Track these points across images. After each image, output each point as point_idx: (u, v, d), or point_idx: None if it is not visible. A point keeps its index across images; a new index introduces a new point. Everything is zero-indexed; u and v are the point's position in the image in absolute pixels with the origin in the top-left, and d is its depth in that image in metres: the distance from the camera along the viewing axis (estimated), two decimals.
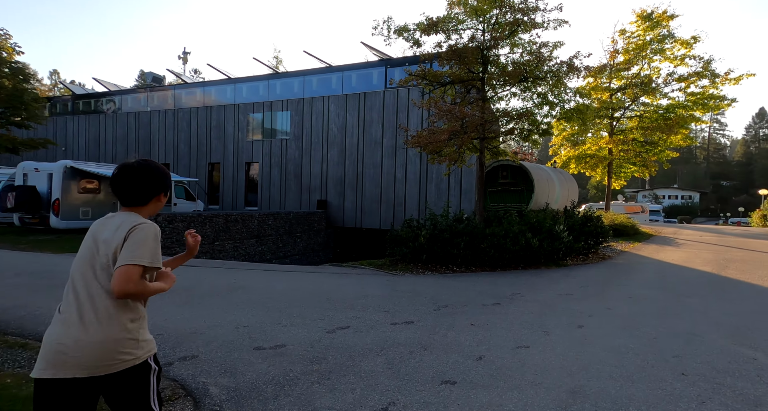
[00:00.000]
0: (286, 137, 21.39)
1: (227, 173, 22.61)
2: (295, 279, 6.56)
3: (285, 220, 16.20)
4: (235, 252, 13.21)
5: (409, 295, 5.59)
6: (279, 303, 4.87)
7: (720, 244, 12.47)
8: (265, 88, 22.40)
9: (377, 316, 4.49)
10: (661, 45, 17.61)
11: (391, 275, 7.24)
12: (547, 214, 9.55)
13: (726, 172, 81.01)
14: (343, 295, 5.48)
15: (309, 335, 3.76)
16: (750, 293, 6.05)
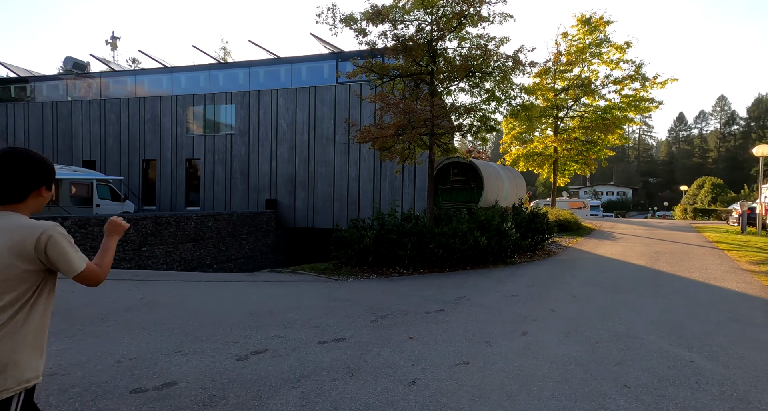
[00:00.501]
0: (230, 132, 19.94)
1: (165, 171, 20.66)
2: (219, 290, 5.76)
3: (228, 222, 14.99)
4: (167, 258, 11.90)
5: (347, 304, 5.06)
6: (188, 323, 4.11)
7: (650, 237, 13.32)
8: (206, 79, 20.70)
9: (304, 333, 3.91)
10: (599, 49, 18.58)
11: (332, 281, 6.67)
12: (495, 211, 9.50)
13: (653, 170, 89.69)
14: (272, 308, 4.82)
15: (212, 365, 3.09)
16: (679, 286, 6.24)
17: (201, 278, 6.53)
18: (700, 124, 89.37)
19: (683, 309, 4.92)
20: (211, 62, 20.94)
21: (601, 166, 22.10)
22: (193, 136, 20.27)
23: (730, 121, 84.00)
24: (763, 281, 6.52)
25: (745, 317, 4.60)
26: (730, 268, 7.65)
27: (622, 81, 18.14)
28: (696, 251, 9.94)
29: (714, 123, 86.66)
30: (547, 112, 20.74)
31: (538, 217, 10.57)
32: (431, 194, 10.07)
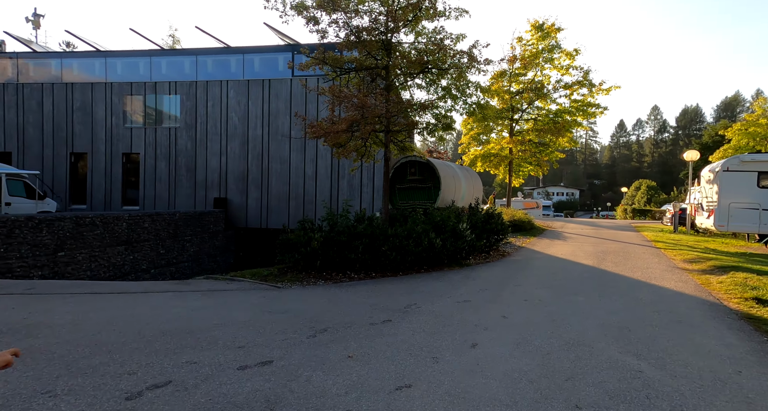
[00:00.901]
0: (175, 125, 18.35)
1: (98, 166, 18.62)
2: (134, 304, 4.96)
3: (168, 222, 13.66)
4: (91, 264, 10.53)
5: (285, 317, 4.51)
6: (77, 350, 3.36)
7: (597, 237, 13.94)
8: (147, 66, 18.89)
9: (225, 356, 3.32)
10: (551, 54, 19.29)
11: (273, 289, 6.06)
12: (451, 212, 9.32)
13: (598, 173, 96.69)
14: (193, 324, 4.15)
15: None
16: (624, 287, 6.34)
17: (116, 289, 5.63)
18: (637, 131, 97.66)
19: (629, 311, 4.91)
20: (152, 48, 19.14)
21: (552, 168, 23.08)
22: (132, 128, 18.43)
23: (662, 129, 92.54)
24: (696, 279, 6.82)
25: (684, 318, 4.65)
26: (668, 267, 8.00)
27: (571, 86, 18.95)
28: (637, 250, 10.42)
29: (649, 130, 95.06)
30: (504, 114, 21.25)
31: (493, 217, 10.58)
32: (387, 194, 9.71)
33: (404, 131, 9.78)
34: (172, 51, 21.11)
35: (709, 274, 7.10)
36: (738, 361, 3.40)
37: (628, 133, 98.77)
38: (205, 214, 15.97)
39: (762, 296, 5.47)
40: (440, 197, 11.46)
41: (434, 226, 8.58)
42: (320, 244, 6.94)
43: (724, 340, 3.91)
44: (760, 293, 5.58)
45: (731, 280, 6.40)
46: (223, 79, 18.14)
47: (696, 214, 13.68)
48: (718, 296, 5.73)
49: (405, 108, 8.24)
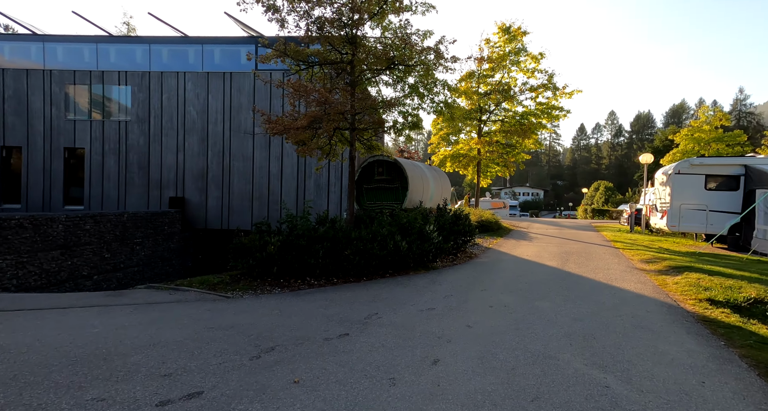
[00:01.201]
0: (125, 119, 16.96)
1: (35, 161, 16.89)
2: (42, 325, 4.25)
3: (114, 224, 12.52)
4: (18, 271, 9.37)
5: (228, 334, 4.01)
6: None
7: (560, 237, 14.26)
8: (93, 54, 17.33)
9: (144, 389, 2.81)
10: (517, 57, 19.64)
11: (222, 299, 5.50)
12: (418, 213, 9.08)
13: (560, 174, 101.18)
14: (113, 348, 3.57)
15: None
16: (587, 289, 6.33)
17: (27, 305, 4.84)
18: (596, 134, 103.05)
19: (593, 317, 4.82)
20: (99, 34, 17.60)
21: (518, 168, 23.59)
22: (75, 121, 16.85)
23: (618, 134, 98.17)
24: (654, 280, 6.96)
25: (646, 323, 4.61)
26: (626, 268, 8.16)
27: (537, 89, 19.39)
28: (597, 251, 10.67)
29: (606, 134, 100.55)
30: (472, 115, 21.44)
31: (461, 218, 10.46)
32: (352, 194, 9.31)
33: (371, 129, 9.43)
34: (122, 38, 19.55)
35: (665, 275, 7.28)
36: (700, 370, 3.32)
37: (588, 137, 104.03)
38: (158, 215, 14.84)
39: (714, 297, 5.60)
40: (408, 198, 11.22)
41: (400, 228, 8.30)
42: (277, 248, 6.44)
43: (684, 346, 3.86)
44: (712, 294, 5.72)
45: (685, 280, 6.56)
46: (180, 71, 16.98)
47: (650, 214, 14.35)
48: (674, 297, 5.82)
49: (370, 105, 7.88)
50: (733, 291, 5.75)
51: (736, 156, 12.12)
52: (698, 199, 11.91)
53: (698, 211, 11.91)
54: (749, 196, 11.09)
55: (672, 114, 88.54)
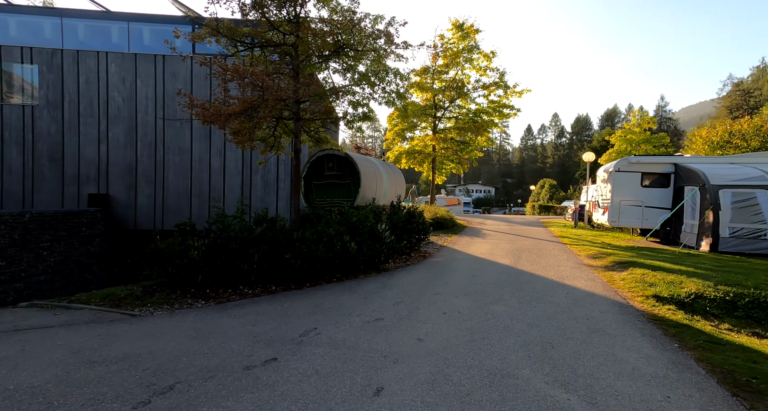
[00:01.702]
0: (31, 102, 14.53)
1: None
2: None
3: (11, 226, 10.55)
4: None
5: (115, 369, 3.13)
6: None
7: (512, 233, 14.47)
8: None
9: None
10: (470, 55, 19.76)
11: (125, 319, 4.51)
12: (369, 211, 8.50)
13: (510, 172, 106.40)
14: None
15: None
16: (541, 289, 6.15)
17: None
18: (541, 135, 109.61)
19: (549, 321, 4.55)
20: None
21: (472, 166, 23.92)
22: None
23: (561, 135, 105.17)
24: (602, 277, 6.99)
25: (601, 326, 4.41)
26: (575, 264, 8.22)
27: (489, 87, 19.65)
28: (547, 247, 10.82)
29: (550, 135, 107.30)
30: (427, 111, 21.31)
31: (415, 216, 10.06)
32: (298, 191, 8.49)
33: (318, 120, 8.66)
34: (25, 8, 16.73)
35: (611, 271, 7.37)
36: (662, 381, 3.08)
37: (534, 137, 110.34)
38: (73, 215, 12.85)
39: (660, 293, 5.63)
40: (360, 194, 10.60)
41: (350, 227, 7.67)
42: (202, 253, 5.51)
43: (642, 352, 3.65)
44: (657, 290, 5.76)
45: (631, 276, 6.63)
46: (102, 51, 14.88)
47: (593, 210, 15.05)
48: (623, 295, 5.79)
49: (315, 92, 7.12)
50: (676, 286, 5.83)
51: (667, 155, 13.09)
52: (635, 195, 12.58)
53: (635, 207, 12.58)
54: (678, 193, 11.88)
55: (606, 117, 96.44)
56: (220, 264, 5.63)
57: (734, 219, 9.59)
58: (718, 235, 9.63)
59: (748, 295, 5.31)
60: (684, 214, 11.21)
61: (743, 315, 5.04)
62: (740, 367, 3.33)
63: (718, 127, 23.46)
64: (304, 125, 8.57)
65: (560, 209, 39.41)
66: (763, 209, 9.37)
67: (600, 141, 51.39)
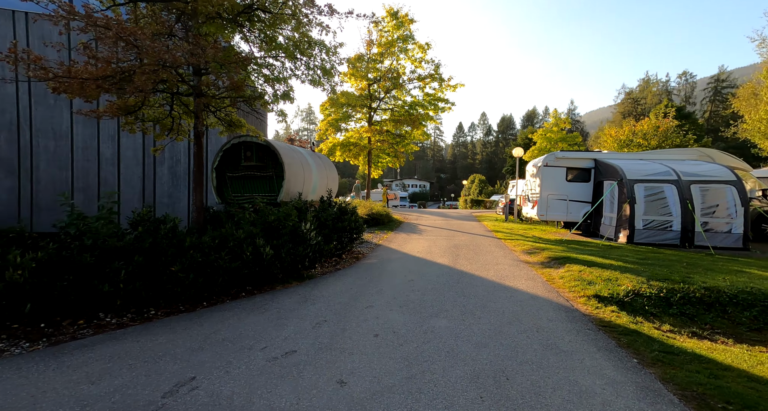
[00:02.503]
0: None
1: None
2: None
3: None
4: None
5: None
6: None
7: (448, 228, 14.21)
8: None
9: None
10: (405, 45, 19.15)
11: None
12: (291, 208, 7.24)
13: (443, 168, 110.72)
14: None
15: None
16: (483, 293, 5.56)
17: None
18: (471, 133, 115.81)
19: (498, 338, 3.87)
20: None
21: (408, 160, 23.60)
22: None
23: (488, 133, 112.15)
24: (541, 275, 6.69)
25: (553, 339, 3.85)
26: (513, 262, 7.92)
27: (424, 79, 19.26)
28: (483, 242, 10.58)
29: (479, 133, 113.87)
30: (363, 102, 20.30)
31: (347, 213, 9.01)
32: (200, 184, 6.91)
33: (228, 99, 7.11)
34: None
35: (549, 268, 7.15)
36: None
37: (465, 134, 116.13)
38: None
39: (600, 293, 5.37)
40: (284, 189, 9.22)
41: (266, 228, 6.36)
42: (33, 272, 3.83)
43: (605, 376, 3.09)
44: (597, 289, 5.51)
45: (569, 274, 6.39)
46: None
47: (523, 204, 15.48)
48: (566, 296, 5.44)
49: (217, 59, 5.63)
50: (613, 284, 5.65)
51: (588, 151, 13.94)
52: (561, 189, 13.04)
53: (561, 201, 13.06)
54: (598, 187, 12.54)
55: (527, 118, 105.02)
56: (67, 285, 4.00)
57: (647, 212, 10.23)
58: (633, 227, 10.21)
59: (679, 291, 5.26)
60: (603, 207, 11.83)
61: (677, 312, 4.93)
62: (707, 386, 2.91)
63: (625, 126, 26.06)
64: (209, 104, 6.98)
65: (490, 203, 41.45)
66: (669, 202, 10.11)
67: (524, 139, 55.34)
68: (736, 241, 9.56)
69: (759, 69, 23.36)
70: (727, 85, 68.38)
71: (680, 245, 9.84)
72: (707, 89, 71.99)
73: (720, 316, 4.83)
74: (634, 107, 78.91)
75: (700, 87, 78.19)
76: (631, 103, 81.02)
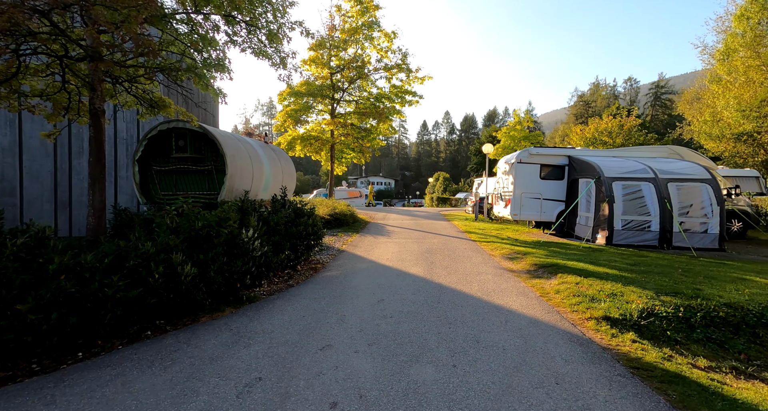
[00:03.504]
0: None
1: None
2: None
3: None
4: None
5: None
6: None
7: (418, 229, 13.14)
8: None
9: None
10: (371, 32, 17.84)
11: None
12: (230, 210, 5.73)
13: (408, 165, 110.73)
14: None
15: None
16: (473, 318, 4.45)
17: None
18: (435, 131, 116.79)
19: (509, 404, 2.72)
20: None
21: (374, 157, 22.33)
22: None
23: (452, 131, 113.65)
24: (533, 289, 5.72)
25: (584, 400, 2.77)
26: (495, 270, 6.94)
27: (391, 69, 18.07)
28: (458, 246, 9.58)
29: (443, 131, 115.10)
30: (325, 92, 18.74)
31: (304, 215, 7.58)
32: (99, 178, 5.20)
33: (142, 67, 5.44)
34: None
35: (538, 279, 6.21)
36: None
37: (429, 133, 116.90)
38: None
39: (609, 314, 4.44)
40: (227, 186, 7.61)
41: (192, 238, 4.82)
42: None
43: None
44: (604, 307, 4.59)
45: (565, 287, 5.46)
46: None
47: (495, 203, 14.79)
48: (570, 318, 4.46)
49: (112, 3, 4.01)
50: (620, 300, 4.76)
51: (562, 147, 13.62)
52: (535, 188, 12.40)
53: (535, 200, 12.42)
54: (572, 185, 12.02)
55: (488, 117, 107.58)
56: None
57: (625, 211, 9.74)
58: (612, 227, 9.68)
59: (698, 309, 4.45)
60: (579, 206, 11.29)
61: (702, 337, 4.10)
62: None
63: (591, 124, 26.44)
64: (113, 73, 5.28)
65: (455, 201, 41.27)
66: (647, 201, 9.67)
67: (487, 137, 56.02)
68: (712, 241, 9.29)
69: (693, 77, 24.64)
70: (666, 91, 73.76)
71: (659, 246, 9.42)
72: (648, 94, 77.31)
73: (752, 342, 4.05)
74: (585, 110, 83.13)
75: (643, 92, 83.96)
76: (583, 105, 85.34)
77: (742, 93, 21.68)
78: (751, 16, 21.30)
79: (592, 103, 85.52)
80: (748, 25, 21.40)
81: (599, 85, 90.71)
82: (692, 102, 28.91)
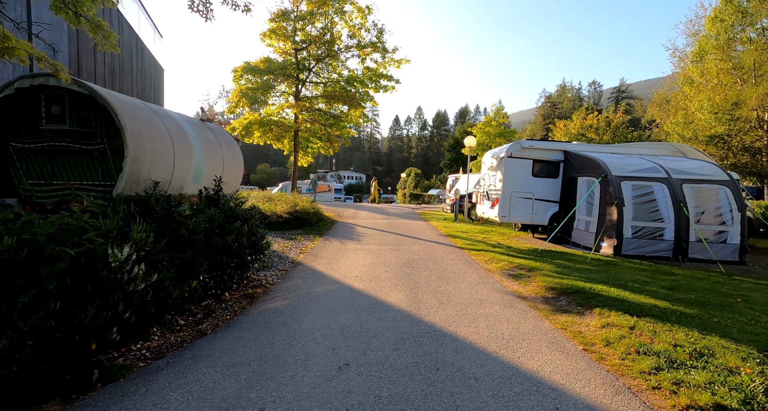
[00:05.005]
0: None
1: None
2: None
3: None
4: None
5: None
6: None
7: (393, 232, 11.23)
8: None
9: None
10: (342, 5, 15.60)
11: None
12: (103, 208, 3.50)
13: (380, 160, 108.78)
14: None
15: None
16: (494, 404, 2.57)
17: None
18: (407, 126, 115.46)
19: None
20: None
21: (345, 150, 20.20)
22: None
23: (424, 127, 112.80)
24: (570, 336, 3.97)
25: None
26: (501, 295, 5.16)
27: (364, 48, 15.92)
28: (444, 256, 7.76)
29: (415, 127, 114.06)
30: (288, 71, 16.29)
31: (237, 218, 5.39)
32: None
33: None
34: None
35: (565, 315, 4.47)
36: None
37: (401, 128, 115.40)
38: None
39: (722, 400, 2.73)
40: (127, 173, 5.24)
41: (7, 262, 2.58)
42: None
43: None
44: (701, 381, 2.88)
45: (616, 335, 3.74)
46: None
47: (480, 202, 13.18)
48: (654, 404, 2.70)
49: None
50: (716, 366, 3.09)
51: (558, 141, 12.34)
52: (527, 186, 10.87)
53: (526, 200, 10.90)
54: (568, 184, 10.59)
55: (460, 114, 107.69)
56: None
57: (635, 216, 8.35)
58: (622, 235, 8.26)
59: None
60: (577, 209, 9.85)
61: None
62: None
63: (576, 120, 25.62)
64: None
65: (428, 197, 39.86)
66: (660, 205, 8.34)
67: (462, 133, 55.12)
68: (732, 253, 8.09)
69: (652, 85, 24.56)
70: (626, 95, 76.61)
71: (673, 258, 8.12)
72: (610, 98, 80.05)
73: None
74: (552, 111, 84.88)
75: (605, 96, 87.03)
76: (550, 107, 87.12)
77: (714, 95, 21.57)
78: (725, 17, 21.05)
79: (559, 104, 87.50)
80: (721, 26, 21.15)
81: (566, 87, 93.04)
82: (661, 104, 29.07)
